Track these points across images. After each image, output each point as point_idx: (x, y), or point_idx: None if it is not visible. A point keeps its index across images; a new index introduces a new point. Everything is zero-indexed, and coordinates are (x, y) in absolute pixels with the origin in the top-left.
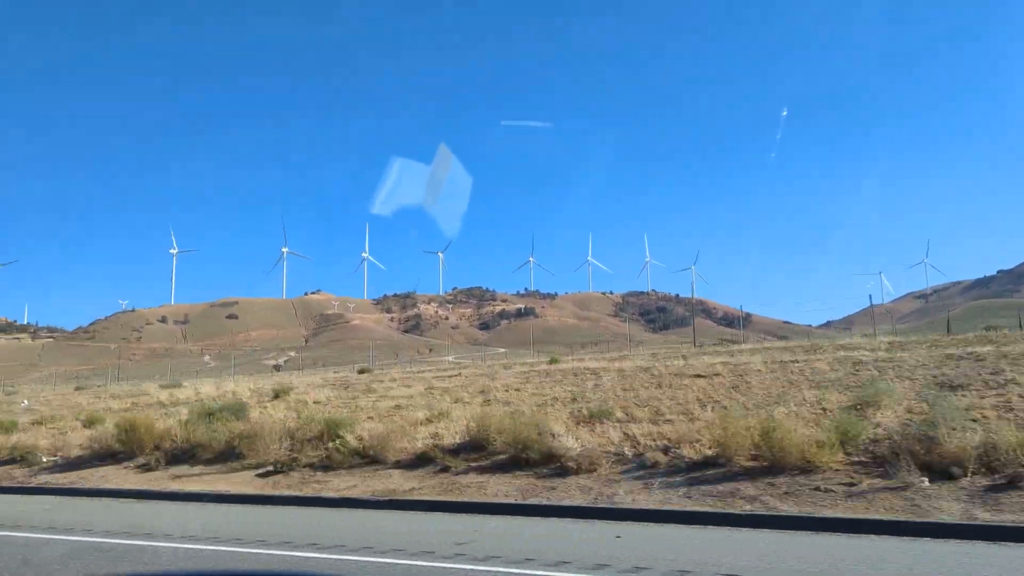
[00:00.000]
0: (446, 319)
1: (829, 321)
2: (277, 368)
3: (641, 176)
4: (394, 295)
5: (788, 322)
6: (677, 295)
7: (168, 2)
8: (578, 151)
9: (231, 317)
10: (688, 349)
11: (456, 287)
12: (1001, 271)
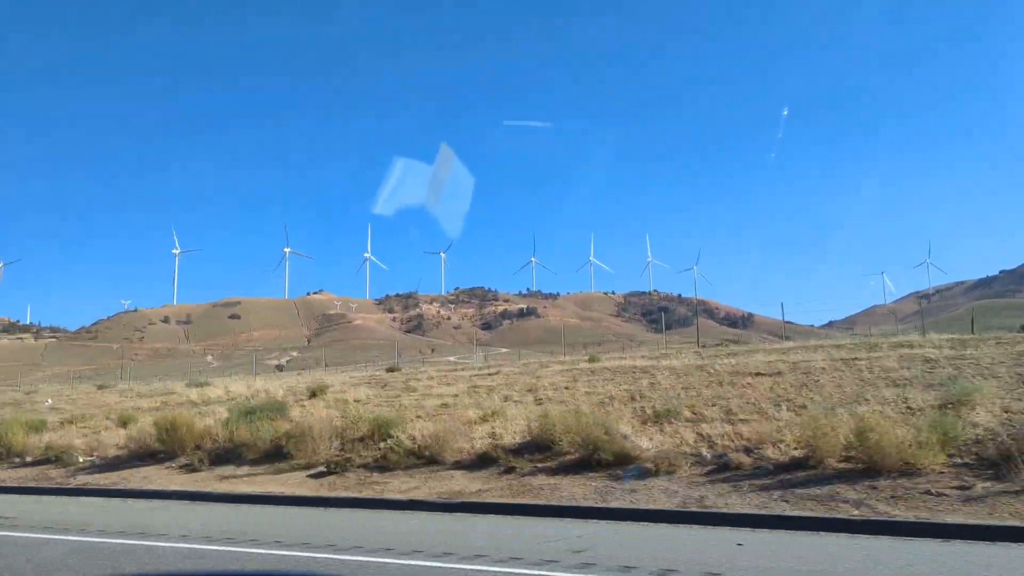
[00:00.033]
0: (448, 319)
1: (831, 321)
2: (280, 368)
3: (642, 176)
4: (396, 295)
5: (791, 322)
6: (679, 295)
7: (168, 2)
8: (579, 151)
9: (233, 317)
10: (720, 349)
11: (458, 287)
12: (1003, 271)
